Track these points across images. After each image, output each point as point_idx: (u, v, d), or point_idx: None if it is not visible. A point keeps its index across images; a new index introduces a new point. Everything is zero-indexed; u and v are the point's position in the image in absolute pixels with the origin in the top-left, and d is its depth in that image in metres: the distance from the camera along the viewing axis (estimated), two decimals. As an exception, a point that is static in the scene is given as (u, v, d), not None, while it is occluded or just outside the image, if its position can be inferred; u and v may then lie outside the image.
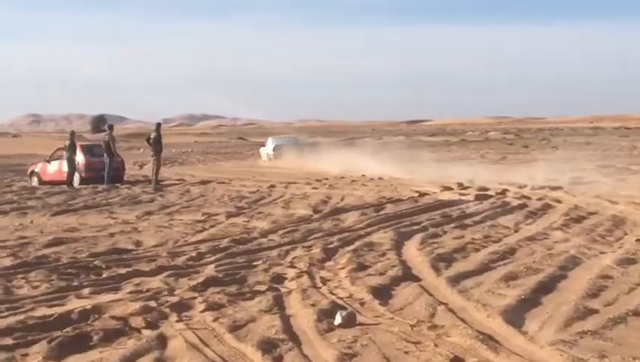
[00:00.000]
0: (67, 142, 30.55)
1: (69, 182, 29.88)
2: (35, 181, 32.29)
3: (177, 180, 32.40)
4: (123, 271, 11.62)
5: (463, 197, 21.19)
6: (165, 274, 11.32)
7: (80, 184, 30.06)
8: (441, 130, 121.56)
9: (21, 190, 28.51)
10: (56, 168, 31.64)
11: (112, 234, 15.93)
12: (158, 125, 30.72)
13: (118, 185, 29.38)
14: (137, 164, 47.85)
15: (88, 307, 9.17)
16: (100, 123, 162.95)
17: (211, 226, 16.98)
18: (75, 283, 10.73)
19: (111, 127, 31.47)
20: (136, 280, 10.96)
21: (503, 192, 22.38)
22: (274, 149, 48.43)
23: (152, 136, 30.11)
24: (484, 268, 11.45)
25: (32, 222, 18.97)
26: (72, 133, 31.64)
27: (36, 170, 32.93)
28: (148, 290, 10.25)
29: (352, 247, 13.56)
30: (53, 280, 10.97)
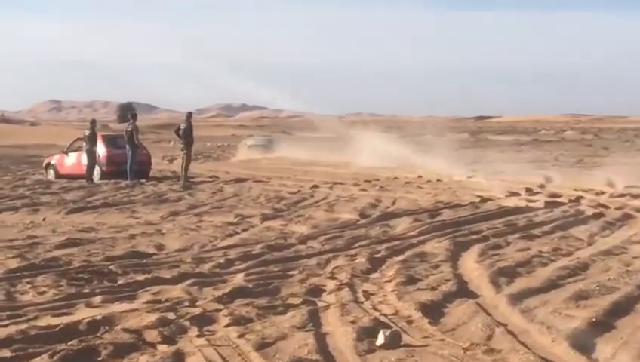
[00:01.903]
0: (87, 132, 30.72)
1: (89, 176, 30.04)
2: (51, 174, 32.54)
3: (209, 177, 32.49)
4: (141, 277, 11.61)
5: (530, 204, 20.96)
6: (188, 282, 11.28)
7: (101, 179, 30.24)
8: (512, 128, 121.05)
9: (35, 184, 28.76)
10: (74, 161, 31.85)
11: (132, 236, 15.97)
12: (189, 115, 30.82)
13: (143, 181, 29.49)
14: (167, 159, 48.15)
15: (98, 317, 9.15)
16: (127, 111, 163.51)
17: (244, 230, 16.96)
18: (87, 290, 10.72)
19: (134, 116, 31.56)
20: (155, 288, 10.93)
21: (577, 199, 22.12)
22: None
23: (182, 128, 30.21)
24: (552, 286, 11.26)
25: (44, 219, 19.10)
26: (93, 122, 31.78)
27: (53, 162, 33.17)
28: (167, 300, 10.22)
29: (401, 257, 13.45)
30: (62, 285, 10.99)
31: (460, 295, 10.62)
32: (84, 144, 30.73)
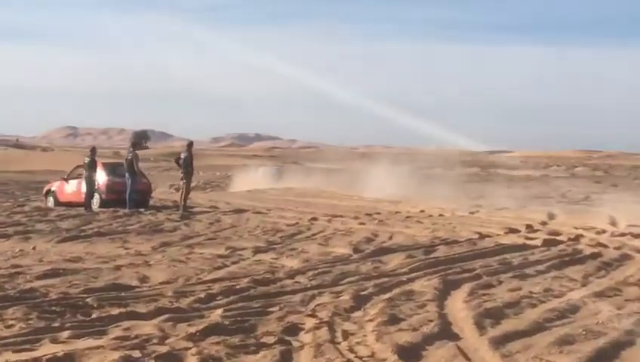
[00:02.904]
0: (87, 159, 30.50)
1: (88, 204, 29.82)
2: (50, 201, 32.34)
3: (209, 207, 32.24)
4: (116, 311, 11.25)
5: (528, 242, 20.59)
6: (163, 317, 10.92)
7: (100, 207, 30.00)
8: (524, 163, 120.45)
9: (33, 211, 28.53)
10: (74, 188, 31.63)
11: (117, 267, 15.66)
12: (190, 144, 30.64)
13: (142, 209, 29.21)
14: (174, 187, 47.95)
15: (60, 354, 8.80)
16: (142, 139, 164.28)
17: (233, 263, 16.64)
18: (56, 324, 10.37)
19: (134, 145, 31.46)
20: (127, 323, 10.57)
21: (577, 238, 21.72)
22: None
23: (182, 157, 30.01)
24: (538, 329, 10.87)
25: (34, 248, 18.85)
26: (93, 150, 31.59)
27: (53, 189, 32.99)
28: (136, 337, 9.86)
29: (388, 295, 13.06)
30: (31, 319, 10.64)
31: (441, 336, 10.25)
32: (84, 171, 30.51)
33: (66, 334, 9.83)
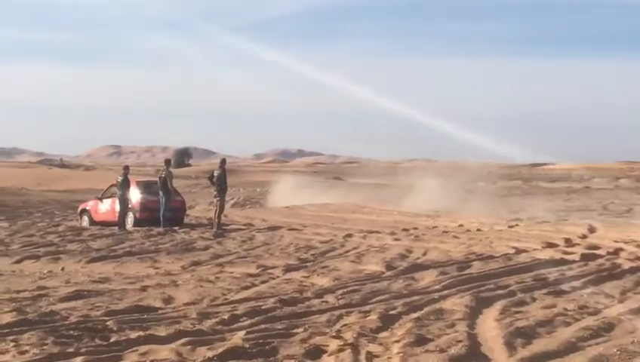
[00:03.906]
0: (119, 178, 30.36)
1: (121, 223, 29.67)
2: (85, 221, 32.22)
3: (244, 225, 31.99)
4: (135, 335, 10.94)
5: (566, 256, 20.08)
6: (183, 340, 10.60)
7: (134, 226, 29.82)
8: (566, 176, 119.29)
9: (67, 231, 28.41)
10: (108, 207, 31.51)
11: (144, 288, 15.38)
12: (223, 161, 30.45)
13: (176, 228, 29.00)
14: (213, 204, 47.69)
15: (69, 382, 8.51)
16: (184, 157, 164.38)
17: (262, 282, 16.31)
18: (71, 350, 10.07)
19: (168, 162, 31.26)
20: (145, 347, 10.26)
21: (616, 252, 21.18)
22: None
23: (215, 174, 29.81)
24: (570, 348, 10.47)
25: (62, 269, 18.69)
26: (126, 168, 31.45)
27: (87, 208, 32.86)
28: (152, 362, 9.56)
29: (417, 314, 12.67)
30: (47, 344, 10.35)
31: (468, 358, 9.89)
32: (117, 190, 30.37)
33: (79, 360, 9.54)
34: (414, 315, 12.61)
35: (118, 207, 30.21)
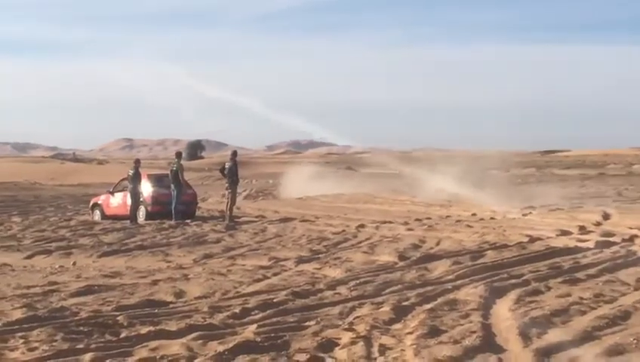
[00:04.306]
0: (131, 172, 30.26)
1: (133, 217, 29.60)
2: (97, 215, 32.16)
3: (256, 217, 31.91)
4: (145, 330, 10.83)
5: (580, 244, 19.90)
6: (194, 335, 10.49)
7: (146, 219, 29.75)
8: (580, 162, 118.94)
9: (79, 225, 28.35)
10: (120, 201, 31.43)
11: (155, 282, 15.32)
12: (234, 154, 30.35)
13: (188, 221, 28.90)
14: (225, 197, 47.54)
15: (78, 379, 8.41)
16: (197, 149, 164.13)
17: (275, 274, 16.22)
18: (81, 346, 9.97)
19: (179, 155, 31.16)
20: (156, 343, 10.15)
21: (632, 239, 20.97)
22: None
23: (226, 166, 29.71)
24: (586, 338, 10.32)
25: (74, 264, 18.65)
26: (137, 162, 31.31)
27: (99, 202, 32.80)
28: (162, 357, 9.45)
29: (430, 305, 12.54)
30: (56, 340, 10.26)
31: (483, 349, 9.74)
32: (129, 184, 30.29)
33: (88, 357, 9.43)
34: (427, 306, 12.49)
35: (129, 201, 30.13)
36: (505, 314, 11.85)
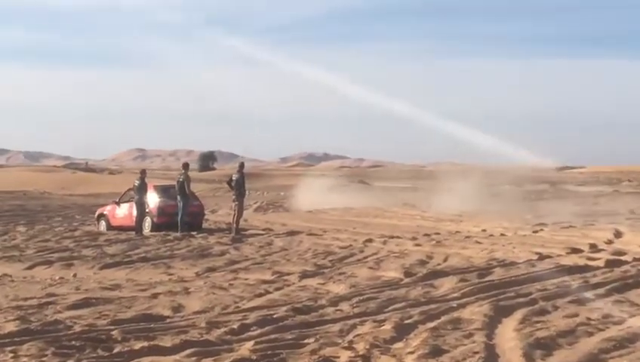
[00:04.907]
0: (137, 182, 30.09)
1: (138, 228, 29.41)
2: (102, 226, 31.98)
3: (263, 229, 31.68)
4: (139, 345, 10.61)
5: (590, 263, 19.59)
6: (188, 351, 10.27)
7: (152, 230, 29.56)
8: (594, 179, 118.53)
9: (83, 236, 28.20)
10: (126, 211, 31.23)
11: (154, 295, 15.08)
12: (241, 165, 30.19)
13: (194, 233, 28.69)
14: (232, 209, 47.37)
15: (63, 396, 8.18)
16: (209, 161, 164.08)
17: (277, 289, 15.97)
18: (70, 361, 9.75)
19: (186, 166, 30.96)
20: (148, 359, 9.96)
21: (643, 258, 20.68)
22: None
23: (233, 178, 29.55)
24: (592, 360, 10.10)
25: (74, 275, 18.50)
26: (143, 172, 31.12)
27: (105, 212, 32.62)
28: (154, 374, 9.23)
29: (433, 324, 12.29)
30: (46, 355, 10.06)
31: (485, 371, 9.49)
32: (135, 195, 30.11)
33: (77, 373, 9.21)
34: (431, 324, 12.25)
35: (135, 212, 29.93)
36: (510, 334, 11.59)
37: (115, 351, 10.40)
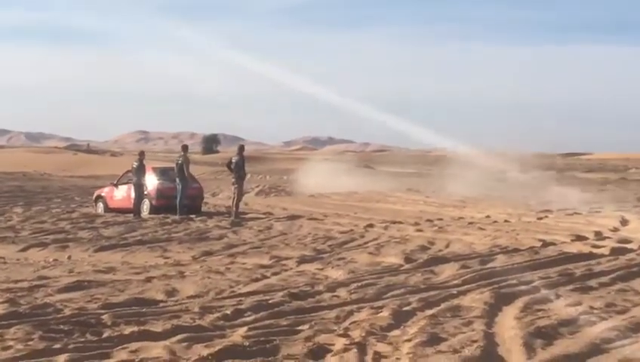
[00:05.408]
0: (135, 164, 29.90)
1: (136, 210, 29.25)
2: (100, 208, 31.78)
3: (264, 213, 31.51)
4: (129, 330, 10.42)
5: (595, 250, 19.41)
6: (179, 337, 10.08)
7: (150, 213, 29.39)
8: (601, 166, 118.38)
9: (80, 218, 28.00)
10: (124, 194, 31.02)
11: (148, 279, 14.91)
12: (241, 148, 29.99)
13: (192, 216, 28.51)
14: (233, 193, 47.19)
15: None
16: (212, 143, 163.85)
17: (274, 274, 15.80)
18: (58, 346, 9.56)
19: (185, 148, 30.74)
20: (137, 344, 9.74)
21: (649, 246, 20.50)
22: None
23: (233, 161, 29.38)
24: (594, 351, 9.88)
25: (69, 257, 18.36)
26: (141, 154, 30.98)
27: (103, 194, 32.45)
28: (142, 361, 9.04)
29: (432, 311, 12.10)
30: (33, 339, 9.86)
31: (483, 360, 9.32)
32: (133, 177, 29.92)
33: (63, 358, 9.02)
34: (429, 312, 12.07)
35: (133, 194, 29.75)
36: (510, 323, 11.40)
37: (105, 335, 10.23)
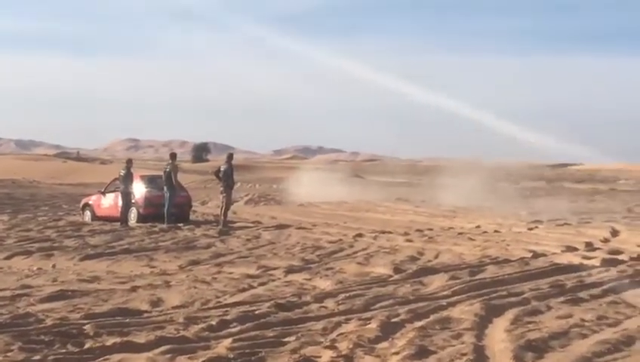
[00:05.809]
0: (122, 172, 29.65)
1: (124, 219, 28.97)
2: (87, 216, 31.55)
3: (252, 222, 31.33)
4: (111, 341, 10.20)
5: (586, 262, 19.23)
6: (162, 348, 9.89)
7: (138, 222, 29.16)
8: (591, 177, 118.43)
9: (67, 226, 27.72)
10: (111, 202, 30.78)
11: (133, 288, 14.70)
12: (230, 156, 29.77)
13: (180, 225, 28.28)
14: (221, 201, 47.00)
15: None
16: (202, 152, 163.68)
17: (261, 284, 15.59)
18: (37, 357, 9.36)
19: (173, 156, 30.47)
20: (119, 356, 9.56)
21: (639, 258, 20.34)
22: None
23: (222, 169, 29.15)
24: (585, 365, 9.71)
25: (54, 266, 18.12)
26: (129, 162, 30.73)
27: (90, 202, 32.21)
28: (122, 374, 8.83)
29: (421, 323, 11.92)
30: (12, 350, 9.66)
31: (472, 374, 9.12)
32: (120, 185, 29.68)
33: (42, 370, 8.81)
34: (418, 324, 11.89)
35: (120, 202, 29.51)
36: (500, 336, 11.24)
37: (86, 346, 10.02)
